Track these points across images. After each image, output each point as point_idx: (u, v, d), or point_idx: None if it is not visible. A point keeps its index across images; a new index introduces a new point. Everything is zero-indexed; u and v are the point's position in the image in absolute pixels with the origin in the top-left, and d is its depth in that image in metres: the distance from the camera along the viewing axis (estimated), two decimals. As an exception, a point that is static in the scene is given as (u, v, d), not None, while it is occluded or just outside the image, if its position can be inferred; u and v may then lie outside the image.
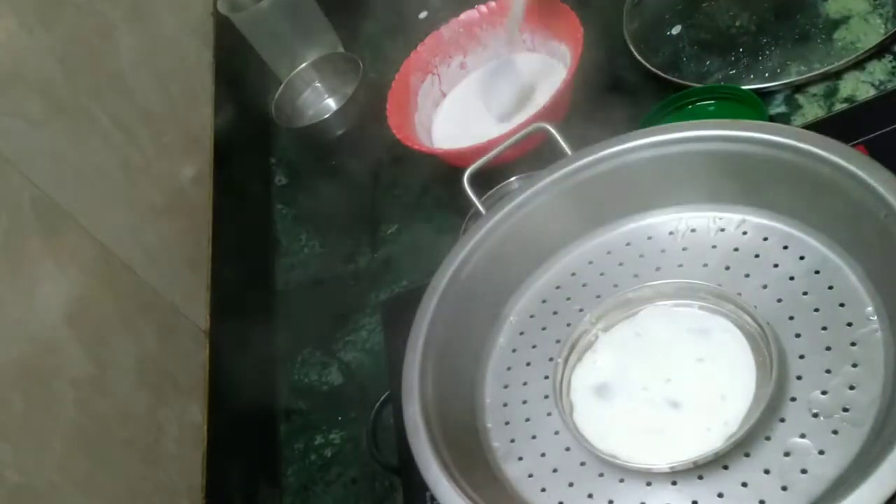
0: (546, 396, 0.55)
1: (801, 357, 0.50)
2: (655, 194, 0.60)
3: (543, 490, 0.52)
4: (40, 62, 0.73)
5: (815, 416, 0.47)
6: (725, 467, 0.48)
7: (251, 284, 0.93)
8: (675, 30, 0.84)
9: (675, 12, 0.86)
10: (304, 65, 1.05)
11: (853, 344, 0.49)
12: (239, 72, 1.06)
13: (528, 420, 0.55)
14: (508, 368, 0.59)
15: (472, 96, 0.93)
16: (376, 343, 0.82)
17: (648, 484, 0.49)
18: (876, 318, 0.49)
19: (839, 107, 0.71)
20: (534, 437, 0.54)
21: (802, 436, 0.47)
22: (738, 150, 0.55)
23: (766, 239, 0.56)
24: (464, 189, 0.64)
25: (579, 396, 0.54)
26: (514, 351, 0.60)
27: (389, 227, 0.91)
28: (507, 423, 0.56)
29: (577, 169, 0.60)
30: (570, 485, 0.51)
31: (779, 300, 0.53)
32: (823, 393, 0.48)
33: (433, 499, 0.50)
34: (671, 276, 0.57)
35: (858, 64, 0.72)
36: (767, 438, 0.47)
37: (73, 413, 0.62)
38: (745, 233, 0.57)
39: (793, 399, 0.48)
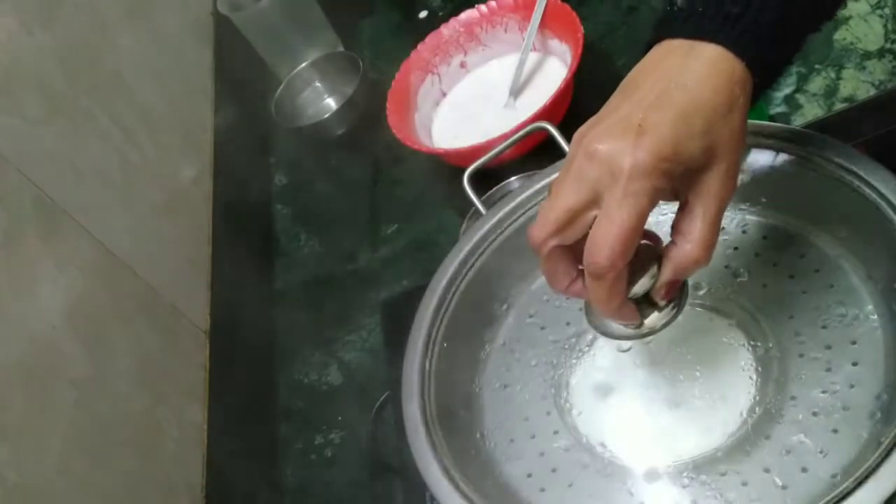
0: (545, 396, 0.55)
1: (801, 356, 0.49)
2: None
3: (542, 490, 0.52)
4: (40, 62, 0.73)
5: (816, 414, 0.47)
6: (725, 466, 0.47)
7: (251, 284, 0.93)
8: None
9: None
10: (304, 64, 1.05)
11: (853, 342, 0.48)
12: (239, 71, 1.06)
13: (526, 420, 0.55)
14: (507, 368, 0.59)
15: (473, 96, 0.93)
16: (376, 343, 0.82)
17: (648, 483, 0.49)
18: (876, 316, 0.49)
19: (839, 106, 0.71)
20: (533, 437, 0.54)
21: (803, 434, 0.46)
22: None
23: (765, 237, 0.56)
24: (464, 189, 0.64)
25: (578, 396, 0.54)
26: (513, 351, 0.59)
27: (389, 227, 0.90)
28: (506, 423, 0.56)
29: (576, 168, 0.60)
30: (570, 485, 0.51)
31: (778, 299, 0.53)
32: (824, 392, 0.47)
33: (433, 499, 0.50)
34: (671, 275, 0.57)
35: (858, 64, 0.72)
36: (767, 437, 0.47)
37: (72, 413, 0.62)
38: (744, 231, 0.57)
39: (793, 398, 0.48)
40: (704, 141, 0.38)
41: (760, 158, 0.54)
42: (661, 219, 0.56)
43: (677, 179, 0.39)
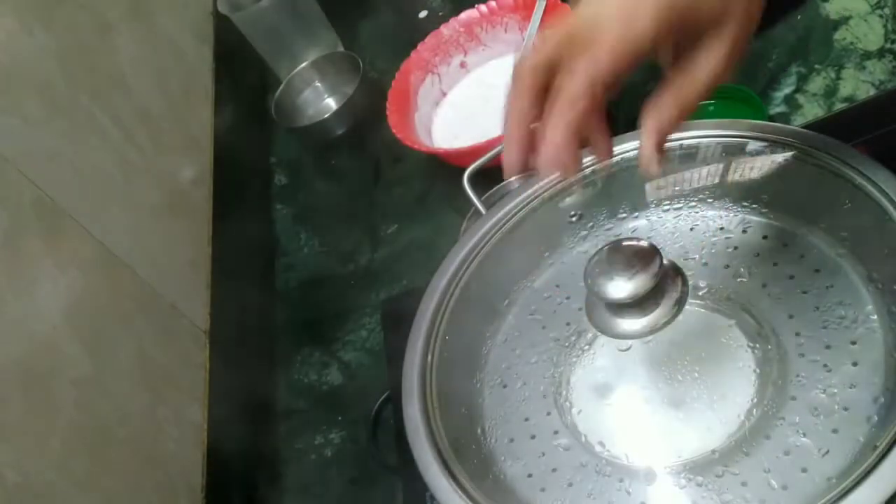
0: (545, 396, 0.55)
1: (801, 356, 0.49)
2: (655, 193, 0.60)
3: (543, 490, 0.51)
4: (39, 61, 0.73)
5: (816, 415, 0.47)
6: (725, 466, 0.47)
7: (251, 284, 0.93)
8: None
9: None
10: (304, 64, 1.05)
11: (853, 343, 0.48)
12: (239, 71, 1.06)
13: (527, 419, 0.55)
14: (507, 367, 0.59)
15: (473, 96, 0.93)
16: (376, 343, 0.82)
17: (648, 484, 0.49)
18: (876, 316, 0.49)
19: (839, 106, 0.71)
20: (533, 437, 0.54)
21: (802, 435, 0.46)
22: (738, 150, 0.55)
23: (765, 237, 0.56)
24: (464, 189, 0.64)
25: (578, 396, 0.54)
26: (513, 350, 0.59)
27: (389, 227, 0.90)
28: (506, 423, 0.56)
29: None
30: (570, 485, 0.51)
31: (778, 299, 0.53)
32: (823, 392, 0.47)
33: (433, 499, 0.50)
34: (671, 274, 0.57)
35: (858, 64, 0.72)
36: (767, 438, 0.47)
37: (72, 413, 0.62)
38: (744, 231, 0.57)
39: (793, 398, 0.48)
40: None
41: (761, 158, 0.54)
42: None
43: (684, 31, 0.39)
